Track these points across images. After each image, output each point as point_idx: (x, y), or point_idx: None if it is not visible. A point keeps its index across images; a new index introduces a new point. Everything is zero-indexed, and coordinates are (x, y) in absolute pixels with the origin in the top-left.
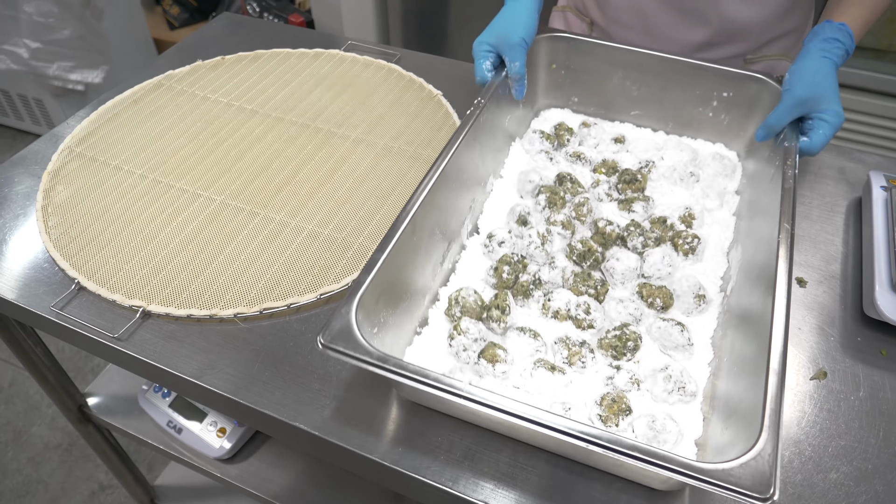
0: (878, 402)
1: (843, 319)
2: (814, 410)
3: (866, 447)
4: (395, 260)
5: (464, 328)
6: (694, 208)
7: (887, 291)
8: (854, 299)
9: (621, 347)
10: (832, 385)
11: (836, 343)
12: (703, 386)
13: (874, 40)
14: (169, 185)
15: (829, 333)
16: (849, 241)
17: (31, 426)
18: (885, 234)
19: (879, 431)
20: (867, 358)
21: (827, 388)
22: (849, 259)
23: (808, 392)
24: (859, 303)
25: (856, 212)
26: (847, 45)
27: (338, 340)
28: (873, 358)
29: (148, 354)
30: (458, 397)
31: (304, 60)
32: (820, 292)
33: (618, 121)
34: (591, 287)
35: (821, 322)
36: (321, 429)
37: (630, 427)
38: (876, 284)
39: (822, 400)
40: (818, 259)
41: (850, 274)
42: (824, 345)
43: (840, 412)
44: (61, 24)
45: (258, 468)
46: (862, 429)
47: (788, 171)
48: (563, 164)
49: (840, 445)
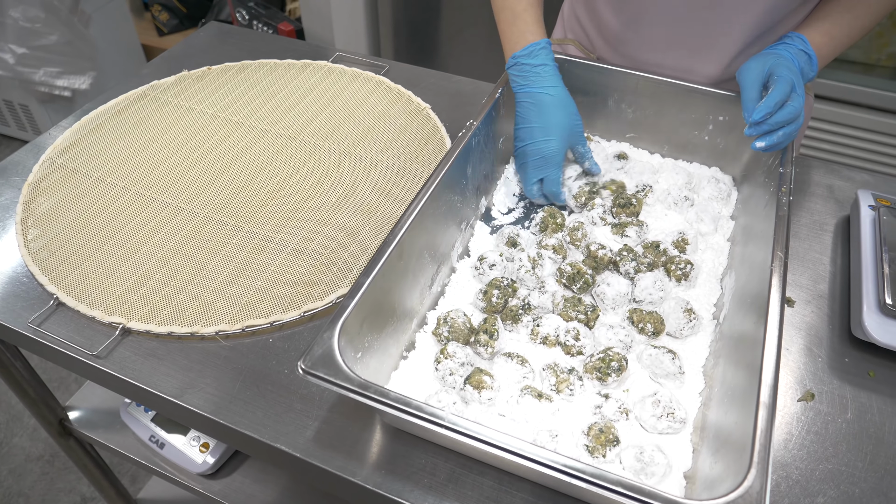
0: (865, 425)
1: (830, 340)
2: (801, 433)
3: (853, 471)
4: (381, 283)
5: (451, 352)
6: (688, 233)
7: (875, 313)
8: (842, 319)
9: (605, 368)
10: (819, 407)
11: (824, 364)
12: (693, 416)
13: (863, 54)
14: (152, 198)
15: (816, 354)
16: (837, 260)
17: (12, 437)
18: (872, 254)
19: (867, 455)
20: (855, 379)
21: (814, 410)
22: (837, 278)
23: (795, 414)
24: (847, 323)
25: (844, 230)
26: (793, 44)
27: (319, 366)
28: (861, 379)
29: (127, 373)
30: (441, 427)
31: (291, 71)
32: (808, 312)
33: (614, 140)
34: (581, 312)
35: (808, 342)
36: (303, 450)
37: (617, 458)
38: (864, 305)
39: (810, 422)
40: (806, 278)
41: (838, 294)
42: (812, 366)
43: (827, 434)
44: (48, 30)
45: (242, 484)
46: (849, 452)
47: (783, 198)
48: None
49: (827, 469)
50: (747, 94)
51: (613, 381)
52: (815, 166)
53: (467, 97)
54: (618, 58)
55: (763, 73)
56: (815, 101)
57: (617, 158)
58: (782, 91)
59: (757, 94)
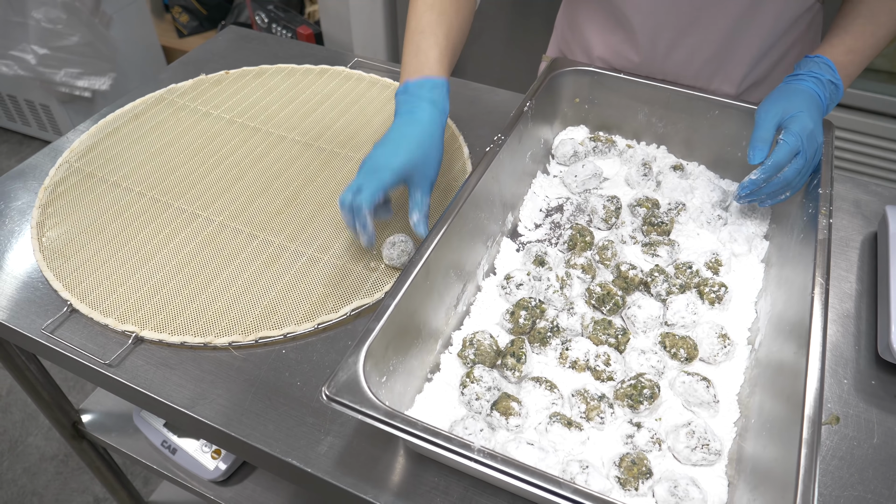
0: (892, 451)
1: (856, 361)
2: (825, 458)
3: (879, 498)
4: (406, 304)
5: (477, 376)
6: (721, 253)
7: None
8: (868, 340)
9: (637, 396)
10: (845, 431)
11: (850, 387)
12: (728, 447)
13: (889, 63)
14: (167, 204)
15: (842, 376)
16: (864, 278)
17: (27, 436)
18: None
19: (893, 482)
20: (882, 403)
21: (839, 434)
22: (863, 297)
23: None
24: (874, 344)
25: (871, 247)
26: (820, 74)
27: (343, 393)
28: (888, 403)
29: (139, 382)
30: (471, 460)
31: (308, 77)
32: (833, 332)
33: (652, 145)
34: (611, 336)
35: (834, 364)
36: (314, 465)
37: (650, 491)
38: (892, 326)
39: (835, 447)
40: (832, 297)
41: (864, 313)
42: (837, 388)
43: (853, 460)
44: (69, 31)
45: (253, 491)
46: (875, 478)
47: (822, 221)
48: (593, 199)
49: (852, 496)
50: (759, 133)
51: (645, 409)
52: (841, 180)
53: (484, 104)
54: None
55: (780, 115)
56: (840, 111)
57: (672, 170)
58: (781, 156)
59: (769, 135)
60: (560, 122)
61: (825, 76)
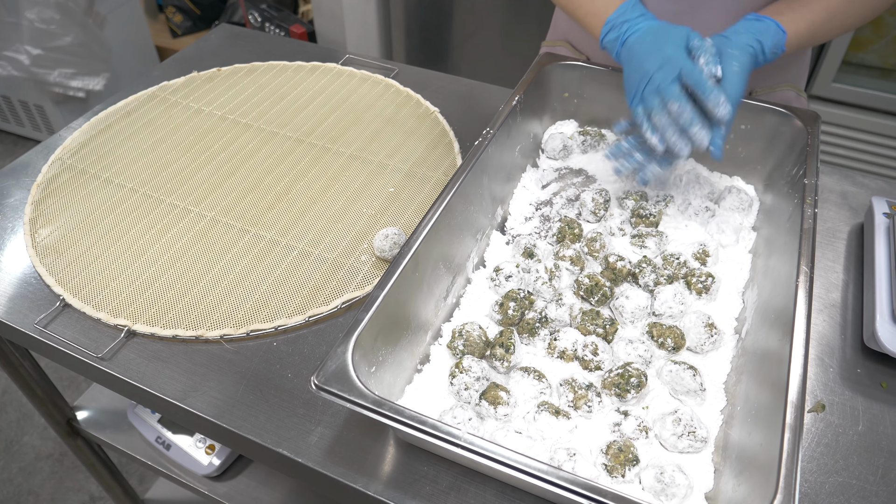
0: (877, 437)
1: (842, 350)
2: (811, 445)
3: (864, 484)
4: (395, 295)
5: (466, 366)
6: (709, 245)
7: (888, 323)
8: (854, 329)
9: (624, 384)
10: (830, 418)
11: (836, 374)
12: (714, 434)
13: (879, 59)
14: (159, 200)
15: (828, 364)
16: (850, 268)
17: (23, 435)
18: (886, 262)
19: (878, 468)
20: (867, 390)
21: (825, 422)
22: (849, 287)
23: (805, 425)
24: (860, 333)
25: (857, 238)
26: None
27: (332, 382)
28: (873, 391)
29: (131, 375)
30: (459, 447)
31: (300, 74)
32: (819, 321)
33: None
34: (599, 326)
35: (820, 352)
36: (304, 455)
37: (637, 478)
38: (877, 315)
39: (820, 434)
40: (818, 287)
41: (850, 303)
42: (823, 376)
43: (838, 447)
44: (63, 31)
45: (247, 486)
46: (861, 465)
47: (808, 210)
48: (583, 193)
49: (837, 482)
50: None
51: (633, 397)
52: (829, 172)
53: (476, 101)
54: (610, 61)
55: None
56: (830, 106)
57: None
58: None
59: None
60: (549, 116)
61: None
